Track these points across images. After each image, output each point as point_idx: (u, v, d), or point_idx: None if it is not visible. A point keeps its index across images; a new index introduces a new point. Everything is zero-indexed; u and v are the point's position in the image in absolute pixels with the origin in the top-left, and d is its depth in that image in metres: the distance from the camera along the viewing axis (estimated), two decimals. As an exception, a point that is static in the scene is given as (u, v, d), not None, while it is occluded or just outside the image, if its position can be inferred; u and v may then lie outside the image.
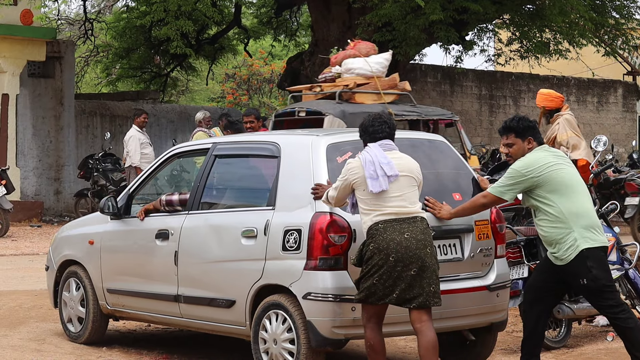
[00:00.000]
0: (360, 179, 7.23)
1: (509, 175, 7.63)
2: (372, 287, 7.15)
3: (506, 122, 7.83)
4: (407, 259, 7.10)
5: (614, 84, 28.83)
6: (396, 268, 7.10)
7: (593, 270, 7.50)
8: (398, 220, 7.17)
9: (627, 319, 7.59)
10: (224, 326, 8.25)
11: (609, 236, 9.98)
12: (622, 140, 28.41)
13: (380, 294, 7.15)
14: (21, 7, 21.05)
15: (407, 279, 7.11)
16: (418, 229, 7.19)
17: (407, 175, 7.29)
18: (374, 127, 7.37)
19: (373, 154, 7.26)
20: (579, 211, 7.54)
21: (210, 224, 8.37)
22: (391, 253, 7.09)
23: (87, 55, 30.21)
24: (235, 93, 34.70)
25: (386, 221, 7.16)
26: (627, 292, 10.25)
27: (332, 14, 19.56)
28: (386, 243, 7.10)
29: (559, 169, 7.59)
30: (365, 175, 7.19)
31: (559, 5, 18.10)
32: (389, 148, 7.34)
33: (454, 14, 17.75)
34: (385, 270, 7.10)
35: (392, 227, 7.14)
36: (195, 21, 21.18)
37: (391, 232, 7.12)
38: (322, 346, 7.53)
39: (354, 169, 7.27)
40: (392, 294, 7.14)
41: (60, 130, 22.02)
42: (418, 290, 7.14)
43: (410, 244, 7.12)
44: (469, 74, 25.55)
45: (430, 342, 7.18)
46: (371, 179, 7.17)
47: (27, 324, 10.27)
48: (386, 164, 7.20)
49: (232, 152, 8.82)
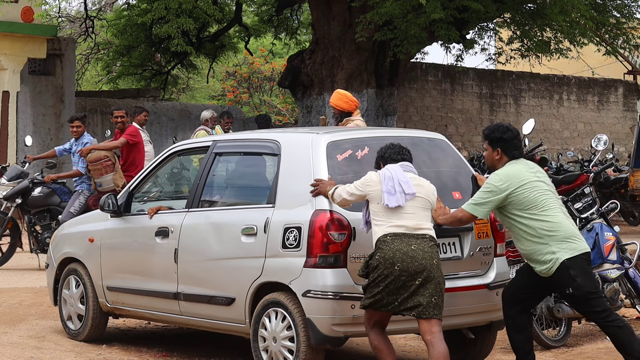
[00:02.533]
0: (376, 193, 7.28)
1: (484, 189, 7.66)
2: (377, 294, 7.17)
3: (485, 129, 7.90)
4: (412, 269, 7.11)
5: (614, 83, 28.81)
6: (401, 277, 7.11)
7: (577, 279, 7.54)
8: (407, 235, 7.20)
9: (614, 320, 7.62)
10: (224, 324, 8.26)
11: (609, 235, 9.99)
12: (623, 140, 28.40)
13: (385, 302, 7.18)
14: (22, 4, 21.03)
15: (411, 289, 7.13)
16: (425, 243, 7.22)
17: (423, 198, 7.35)
18: (394, 151, 7.44)
19: (393, 171, 7.33)
20: (552, 226, 7.57)
21: (210, 221, 8.37)
22: (397, 262, 7.11)
23: (87, 52, 30.19)
24: (236, 91, 34.67)
25: (395, 234, 7.19)
26: (627, 292, 10.25)
27: (333, 12, 19.55)
28: (392, 252, 7.13)
29: (530, 187, 7.61)
30: (382, 189, 7.25)
31: (560, 4, 18.09)
32: (409, 170, 7.42)
33: (455, 12, 17.73)
34: (391, 280, 7.12)
35: (399, 239, 7.17)
36: (196, 19, 21.15)
37: (398, 244, 7.15)
38: (321, 344, 7.53)
39: (372, 183, 7.33)
40: (395, 302, 7.16)
41: (61, 127, 22.01)
42: (420, 299, 7.14)
43: (417, 255, 7.14)
44: (469, 72, 25.52)
45: (441, 354, 7.17)
46: (388, 194, 7.23)
47: (27, 322, 10.27)
48: (405, 182, 7.27)
49: (232, 149, 8.82)
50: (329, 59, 19.75)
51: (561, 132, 27.37)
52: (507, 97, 26.46)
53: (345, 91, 11.60)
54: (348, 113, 11.11)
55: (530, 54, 21.08)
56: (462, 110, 25.36)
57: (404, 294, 7.14)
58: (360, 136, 8.17)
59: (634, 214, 18.90)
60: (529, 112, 26.23)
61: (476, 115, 25.83)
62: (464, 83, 25.65)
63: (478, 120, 25.82)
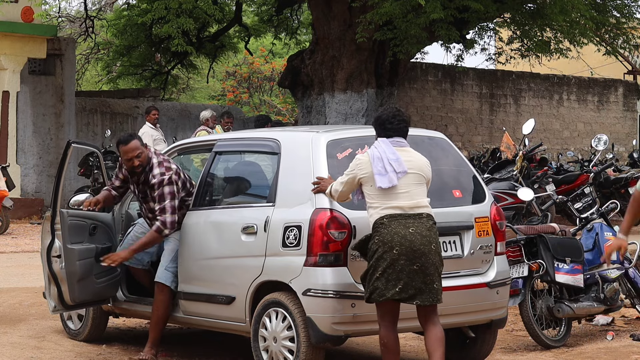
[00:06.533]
0: (368, 175, 7.22)
1: None
2: (375, 281, 7.11)
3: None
4: (410, 254, 7.07)
5: (614, 83, 28.81)
6: (399, 261, 7.06)
7: None
8: (403, 216, 7.15)
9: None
10: (224, 323, 8.25)
11: (609, 235, 9.99)
12: (623, 140, 28.40)
13: (383, 288, 7.10)
14: (22, 4, 21.05)
15: (410, 274, 7.08)
16: (423, 225, 7.17)
17: (416, 173, 7.27)
18: (391, 124, 7.35)
19: (382, 150, 7.24)
20: None
21: (210, 220, 8.37)
22: (395, 246, 7.06)
23: (87, 52, 30.20)
24: (236, 91, 34.68)
25: (392, 215, 7.14)
26: (627, 292, 10.25)
27: (333, 12, 19.55)
28: (390, 236, 7.07)
29: None
30: (373, 171, 7.18)
31: (560, 4, 18.08)
32: (400, 145, 7.33)
33: (455, 12, 17.73)
34: (389, 263, 7.06)
35: (397, 221, 7.12)
36: (196, 19, 21.14)
37: (396, 226, 7.10)
38: (321, 342, 7.52)
39: (361, 164, 7.26)
40: (394, 288, 7.08)
41: (61, 127, 22.01)
42: (420, 287, 7.11)
43: (415, 239, 7.09)
44: (469, 72, 25.52)
45: (437, 336, 7.18)
46: (379, 175, 7.16)
47: (27, 322, 10.26)
48: (395, 160, 7.19)
49: (233, 148, 8.82)
50: (329, 59, 19.75)
51: (561, 132, 27.37)
52: (507, 97, 26.46)
53: None
54: None
55: (530, 54, 21.08)
56: (462, 110, 25.36)
57: (403, 278, 7.06)
58: (360, 135, 8.16)
59: (634, 214, 18.86)
60: (529, 112, 26.22)
61: (476, 115, 25.83)
62: (464, 83, 25.65)
63: (478, 120, 25.83)
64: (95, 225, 8.86)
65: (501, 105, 26.32)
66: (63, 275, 8.53)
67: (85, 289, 8.65)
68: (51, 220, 8.59)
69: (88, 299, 8.80)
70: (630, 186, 18.63)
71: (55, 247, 8.56)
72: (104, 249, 8.74)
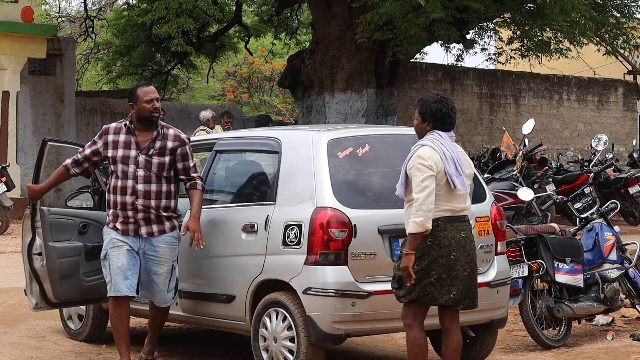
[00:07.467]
0: (441, 172, 6.84)
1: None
2: (428, 286, 6.84)
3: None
4: (464, 259, 6.89)
5: (614, 83, 28.82)
6: (456, 267, 6.86)
7: None
8: (454, 218, 6.91)
9: None
10: (224, 321, 8.25)
11: (609, 235, 10.00)
12: (623, 140, 28.41)
13: (437, 293, 6.86)
14: (22, 4, 21.05)
15: (463, 280, 6.90)
16: (469, 229, 6.99)
17: (469, 173, 7.06)
18: (450, 117, 6.93)
19: (450, 148, 6.88)
20: None
21: (210, 218, 8.37)
22: (452, 251, 6.85)
23: (87, 52, 30.21)
24: (236, 91, 34.68)
25: (446, 218, 6.87)
26: (627, 292, 10.26)
27: (333, 12, 19.55)
28: (448, 240, 6.85)
29: None
30: (448, 171, 6.82)
31: (560, 4, 18.08)
32: (454, 140, 7.03)
33: (455, 12, 17.73)
34: (445, 268, 6.83)
35: (451, 225, 6.88)
36: (196, 19, 21.13)
37: (451, 230, 6.87)
38: (321, 341, 7.51)
39: (437, 163, 6.79)
40: (449, 294, 6.87)
41: (61, 127, 22.02)
42: (467, 292, 6.96)
43: (467, 245, 6.92)
44: (469, 72, 25.53)
45: (457, 344, 7.02)
46: (456, 177, 6.82)
47: (27, 321, 10.26)
48: (458, 159, 6.90)
49: (233, 147, 8.82)
50: (329, 59, 19.75)
51: (561, 132, 27.37)
52: (507, 97, 26.47)
53: None
54: None
55: (530, 54, 21.08)
56: (462, 110, 25.36)
57: (457, 285, 6.85)
58: (361, 134, 8.16)
59: (634, 214, 18.91)
60: (529, 112, 26.23)
61: (476, 115, 25.84)
62: (464, 83, 25.66)
63: (478, 120, 25.83)
64: (85, 223, 8.80)
65: (501, 105, 26.33)
66: (45, 273, 8.46)
67: (71, 286, 8.52)
68: (31, 218, 8.57)
69: (76, 297, 8.65)
70: (631, 186, 18.64)
71: (36, 244, 8.52)
72: (95, 247, 8.62)
